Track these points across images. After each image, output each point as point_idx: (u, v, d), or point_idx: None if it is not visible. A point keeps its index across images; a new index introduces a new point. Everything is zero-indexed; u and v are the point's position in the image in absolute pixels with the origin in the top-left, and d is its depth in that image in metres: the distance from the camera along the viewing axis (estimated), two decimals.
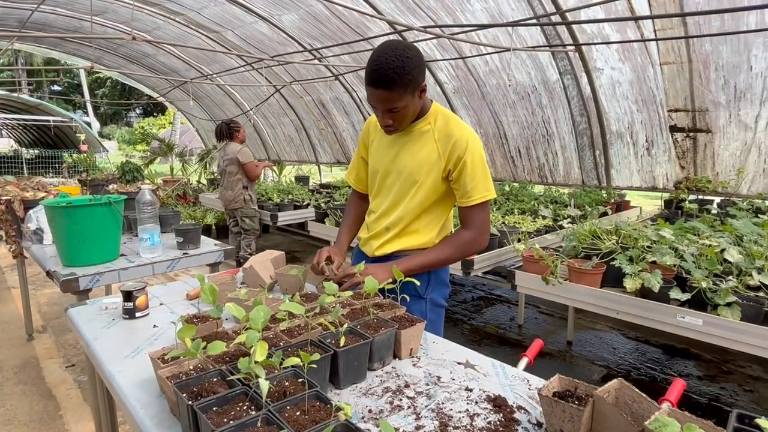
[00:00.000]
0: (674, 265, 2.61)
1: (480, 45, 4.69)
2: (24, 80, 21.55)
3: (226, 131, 5.04)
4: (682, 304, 2.49)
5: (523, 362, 1.62)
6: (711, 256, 2.49)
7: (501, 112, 6.34)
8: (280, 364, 0.95)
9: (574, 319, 3.73)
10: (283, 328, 1.26)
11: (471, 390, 1.16)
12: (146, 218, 2.35)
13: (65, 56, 11.84)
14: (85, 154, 12.21)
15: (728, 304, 2.27)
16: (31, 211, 2.69)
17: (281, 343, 1.20)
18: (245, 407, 0.92)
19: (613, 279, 2.76)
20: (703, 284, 2.34)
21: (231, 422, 0.85)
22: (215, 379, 1.02)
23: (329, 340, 1.20)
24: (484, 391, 1.15)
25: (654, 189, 5.50)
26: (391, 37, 6.08)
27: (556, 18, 4.71)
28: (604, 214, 3.70)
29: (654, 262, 2.68)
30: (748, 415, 0.90)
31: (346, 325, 1.21)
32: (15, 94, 14.04)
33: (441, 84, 6.61)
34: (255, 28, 7.36)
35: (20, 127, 21.18)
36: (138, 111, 36.93)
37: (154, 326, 1.56)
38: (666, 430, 0.74)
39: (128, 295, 1.60)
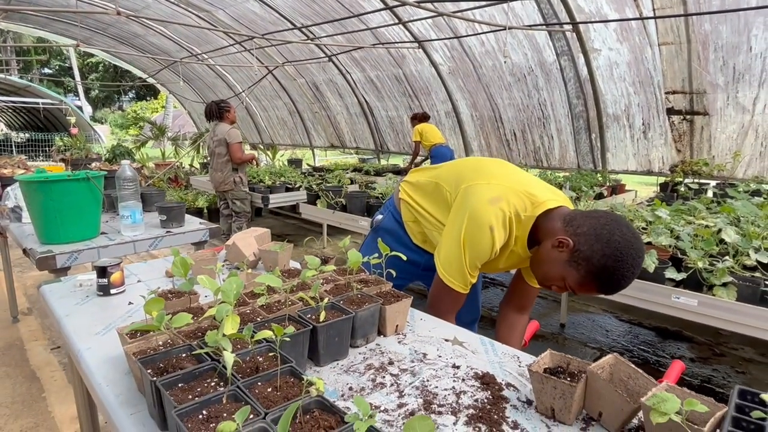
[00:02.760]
0: (670, 246, 2.56)
1: (476, 22, 4.58)
2: (13, 59, 21.10)
3: (216, 111, 4.91)
4: (678, 284, 2.45)
5: None
6: (707, 237, 2.44)
7: (497, 94, 6.25)
8: (252, 337, 0.88)
9: (567, 302, 3.70)
10: (261, 303, 1.19)
11: (458, 367, 1.10)
12: (127, 195, 2.26)
13: (53, 36, 11.57)
14: (76, 138, 12.03)
15: (724, 285, 2.23)
16: (8, 189, 2.60)
17: (258, 318, 1.14)
18: (213, 383, 0.86)
19: None
20: (699, 264, 2.29)
21: (196, 399, 0.79)
22: (184, 355, 0.96)
23: (309, 315, 1.14)
24: (471, 369, 1.10)
25: (650, 173, 5.45)
26: (384, 14, 5.93)
27: None
28: (600, 195, 3.64)
29: (649, 243, 2.64)
30: (750, 391, 0.85)
31: (326, 300, 1.14)
32: (1, 75, 13.75)
33: (436, 65, 6.50)
34: (246, 7, 7.18)
35: (9, 110, 20.83)
36: (130, 95, 36.40)
37: (130, 303, 1.49)
38: (665, 406, 0.68)
39: (102, 271, 1.52)
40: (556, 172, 6.00)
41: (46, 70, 32.56)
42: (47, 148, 15.42)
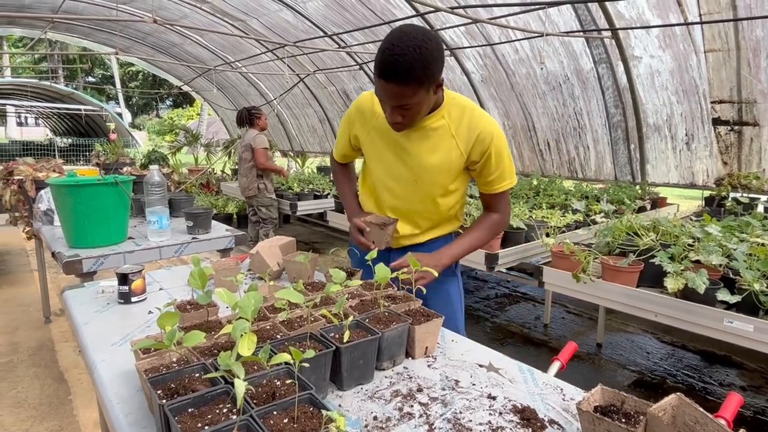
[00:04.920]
0: (721, 265, 2.37)
1: (509, 28, 4.47)
2: (60, 68, 22.03)
3: (246, 117, 4.92)
4: (729, 307, 2.27)
5: (555, 366, 1.44)
6: (764, 256, 2.25)
7: (530, 103, 6.09)
8: (268, 360, 0.80)
9: (604, 320, 3.51)
10: (282, 318, 1.12)
11: (494, 398, 1.00)
12: (154, 200, 2.25)
13: (96, 45, 12.03)
14: (114, 143, 12.41)
15: None
16: (42, 192, 2.64)
17: (279, 336, 1.07)
18: (225, 410, 0.78)
19: (651, 278, 2.54)
20: (756, 286, 2.10)
21: (205, 428, 0.72)
22: (197, 375, 0.89)
23: (333, 334, 1.06)
24: (509, 400, 0.99)
25: (693, 186, 5.17)
26: (414, 21, 5.88)
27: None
28: (642, 209, 3.45)
29: (698, 261, 2.45)
30: None
31: (351, 318, 1.06)
32: (47, 82, 14.37)
33: (468, 73, 6.39)
34: (280, 15, 7.27)
35: (54, 116, 21.77)
36: (168, 102, 37.55)
37: (150, 312, 1.44)
38: None
39: (123, 278, 1.48)
40: (591, 183, 5.78)
41: (90, 79, 33.96)
42: (87, 153, 15.99)
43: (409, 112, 1.32)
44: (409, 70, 1.20)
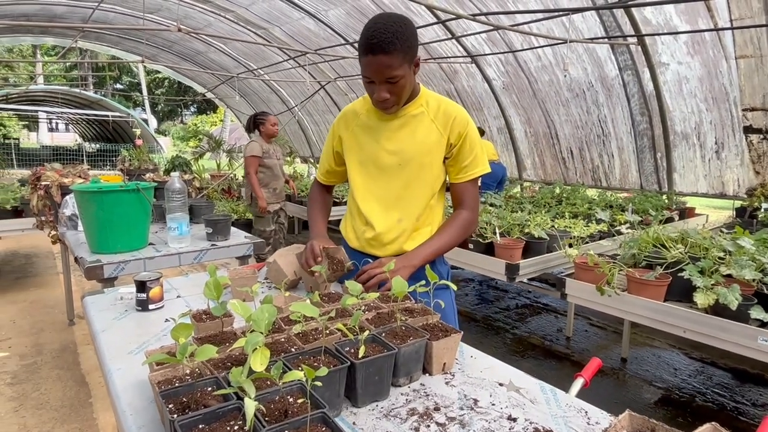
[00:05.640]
0: (754, 280, 2.27)
1: (532, 35, 4.41)
2: (90, 75, 22.69)
3: (252, 123, 4.64)
4: (763, 325, 2.16)
5: (578, 384, 1.39)
6: None
7: (553, 110, 6.00)
8: (280, 378, 0.78)
9: (629, 334, 3.40)
10: (297, 331, 1.10)
11: (515, 420, 0.96)
12: (175, 207, 2.27)
13: (123, 53, 12.36)
14: (139, 149, 12.69)
15: None
16: (67, 197, 2.69)
17: (293, 349, 1.05)
18: (236, 427, 0.76)
19: (679, 292, 2.45)
20: None
21: None
22: (210, 389, 0.87)
23: (348, 348, 1.03)
24: (531, 423, 0.95)
25: (723, 196, 5.01)
26: (436, 27, 5.87)
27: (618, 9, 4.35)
28: (669, 219, 3.34)
29: (729, 276, 2.36)
30: None
31: (367, 332, 1.03)
32: (77, 89, 14.81)
33: (489, 80, 6.34)
34: (302, 24, 7.34)
35: (83, 122, 22.43)
36: (192, 109, 38.31)
37: (166, 320, 1.44)
38: None
39: (142, 286, 1.49)
40: (616, 192, 5.65)
41: (118, 86, 34.91)
42: (114, 158, 16.40)
43: (396, 86, 1.41)
44: (392, 40, 1.33)
